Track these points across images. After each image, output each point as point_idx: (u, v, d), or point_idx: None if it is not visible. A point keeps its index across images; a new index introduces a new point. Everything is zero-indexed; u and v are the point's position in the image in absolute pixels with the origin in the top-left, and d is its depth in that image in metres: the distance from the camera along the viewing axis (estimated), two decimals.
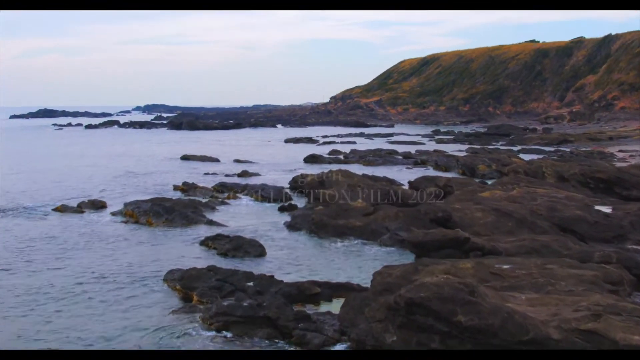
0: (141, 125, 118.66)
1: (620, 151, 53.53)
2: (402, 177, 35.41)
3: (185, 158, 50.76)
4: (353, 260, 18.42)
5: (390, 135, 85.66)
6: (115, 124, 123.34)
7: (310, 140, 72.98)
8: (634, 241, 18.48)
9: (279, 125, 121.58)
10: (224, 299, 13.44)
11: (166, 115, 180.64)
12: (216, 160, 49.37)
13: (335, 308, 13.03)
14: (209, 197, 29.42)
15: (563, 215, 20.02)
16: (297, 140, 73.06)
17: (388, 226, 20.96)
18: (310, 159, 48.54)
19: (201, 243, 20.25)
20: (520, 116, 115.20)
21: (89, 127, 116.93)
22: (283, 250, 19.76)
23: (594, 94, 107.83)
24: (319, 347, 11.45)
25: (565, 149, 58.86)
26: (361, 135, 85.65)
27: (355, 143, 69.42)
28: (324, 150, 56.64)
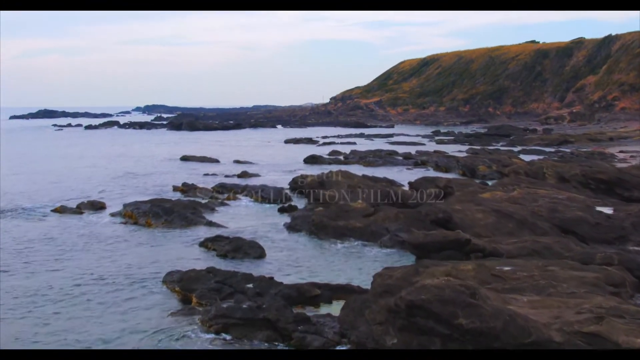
0: (141, 125, 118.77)
1: (620, 152, 53.47)
2: (402, 178, 35.31)
3: (184, 159, 50.66)
4: (353, 262, 18.34)
5: (390, 136, 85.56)
6: (115, 124, 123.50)
7: (310, 141, 72.91)
8: (635, 242, 18.36)
9: (279, 126, 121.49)
10: (223, 300, 13.36)
11: (166, 115, 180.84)
12: (216, 161, 49.26)
13: (336, 310, 12.94)
14: (209, 198, 29.33)
15: (564, 216, 19.93)
16: (297, 141, 72.99)
17: (388, 227, 20.87)
18: (310, 160, 48.47)
19: (200, 244, 20.16)
20: (520, 117, 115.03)
21: (88, 128, 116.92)
22: (283, 251, 19.67)
23: (594, 94, 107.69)
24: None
25: (565, 149, 58.76)
26: (361, 135, 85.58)
27: (355, 144, 69.31)
28: (324, 151, 56.54)
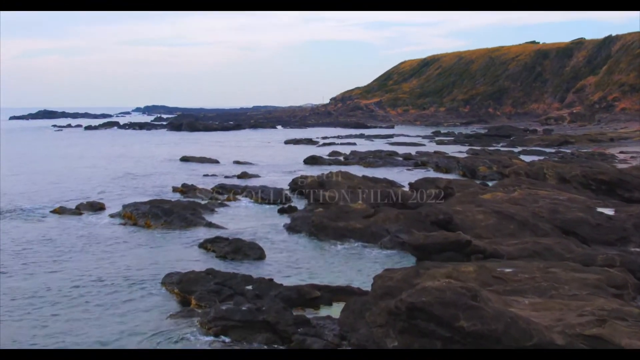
0: (141, 126, 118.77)
1: (621, 152, 53.39)
2: (403, 179, 35.22)
3: (184, 159, 50.57)
4: (353, 263, 18.24)
5: (391, 136, 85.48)
6: (115, 125, 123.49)
7: (310, 142, 72.85)
8: (637, 244, 18.26)
9: (279, 127, 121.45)
10: (222, 302, 13.25)
11: (166, 116, 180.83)
12: (216, 162, 49.17)
13: (336, 312, 12.83)
14: (208, 199, 29.24)
15: (565, 217, 19.83)
16: (297, 142, 72.93)
17: (388, 228, 20.78)
18: (310, 160, 48.39)
19: (200, 245, 20.06)
20: (520, 117, 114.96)
21: (88, 128, 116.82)
22: (282, 253, 19.57)
23: (595, 95, 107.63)
24: None
25: (566, 150, 58.66)
26: (361, 136, 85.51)
27: (355, 144, 69.21)
28: (324, 152, 56.47)
